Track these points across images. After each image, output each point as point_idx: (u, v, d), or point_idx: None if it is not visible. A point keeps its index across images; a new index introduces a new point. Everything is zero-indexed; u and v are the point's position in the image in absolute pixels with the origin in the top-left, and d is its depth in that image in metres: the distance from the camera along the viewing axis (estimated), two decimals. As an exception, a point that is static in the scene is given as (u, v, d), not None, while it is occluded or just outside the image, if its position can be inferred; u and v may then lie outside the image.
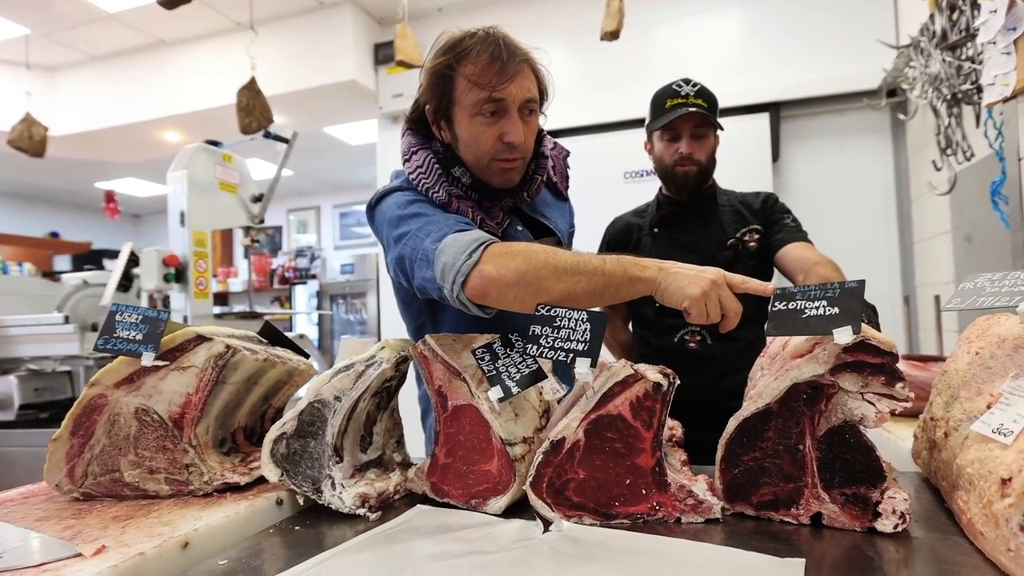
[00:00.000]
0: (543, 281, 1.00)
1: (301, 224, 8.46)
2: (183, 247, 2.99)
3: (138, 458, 0.98)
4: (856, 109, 3.50)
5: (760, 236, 1.76)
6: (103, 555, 0.69)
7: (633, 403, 0.86)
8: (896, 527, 0.76)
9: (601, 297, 1.02)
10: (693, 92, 1.71)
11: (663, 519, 0.86)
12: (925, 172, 3.11)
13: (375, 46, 4.49)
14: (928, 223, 3.13)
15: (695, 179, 1.76)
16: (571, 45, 3.99)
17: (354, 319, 6.65)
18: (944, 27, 2.33)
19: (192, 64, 4.82)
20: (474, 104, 1.16)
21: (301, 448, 0.98)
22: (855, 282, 0.81)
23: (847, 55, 3.50)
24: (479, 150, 1.19)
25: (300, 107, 4.77)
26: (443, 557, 0.73)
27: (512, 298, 1.02)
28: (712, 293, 0.96)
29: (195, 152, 3.09)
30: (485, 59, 1.13)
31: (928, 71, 2.53)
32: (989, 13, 1.69)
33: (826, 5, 3.58)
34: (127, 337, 0.97)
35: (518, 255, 1.03)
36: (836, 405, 0.80)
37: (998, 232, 2.21)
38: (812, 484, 0.81)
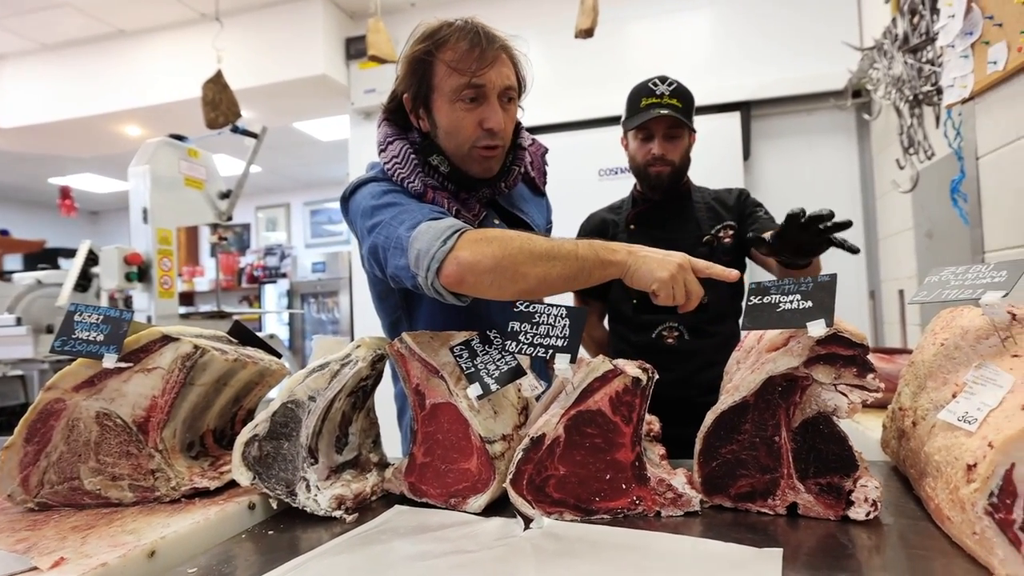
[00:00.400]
0: (519, 266, 1.00)
1: (270, 222, 8.28)
2: (146, 245, 2.89)
3: (99, 465, 0.94)
4: (823, 109, 3.58)
5: (734, 232, 1.78)
6: (61, 567, 0.66)
7: (613, 398, 0.86)
8: (868, 515, 0.77)
9: (575, 281, 1.03)
10: (668, 91, 1.71)
11: (643, 513, 0.86)
12: (889, 171, 3.20)
13: (346, 40, 4.42)
14: (892, 220, 3.22)
15: (668, 179, 1.77)
16: (545, 42, 3.99)
17: (326, 318, 6.56)
18: (906, 30, 2.40)
19: (154, 55, 4.66)
20: (454, 90, 1.15)
21: (274, 450, 0.96)
22: (827, 276, 0.82)
23: (815, 56, 3.58)
24: (459, 137, 1.18)
25: (269, 102, 4.66)
26: (423, 557, 0.72)
27: (488, 284, 1.01)
28: (679, 276, 0.99)
29: (158, 146, 3.00)
30: (464, 45, 1.13)
31: (891, 73, 2.60)
32: (948, 18, 1.74)
33: (795, 6, 3.66)
34: (87, 338, 0.93)
35: (493, 241, 1.02)
36: (810, 397, 0.82)
37: (957, 229, 2.29)
38: (788, 475, 0.82)
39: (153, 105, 4.69)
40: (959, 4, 1.69)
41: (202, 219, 3.51)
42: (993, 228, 1.61)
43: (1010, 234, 1.52)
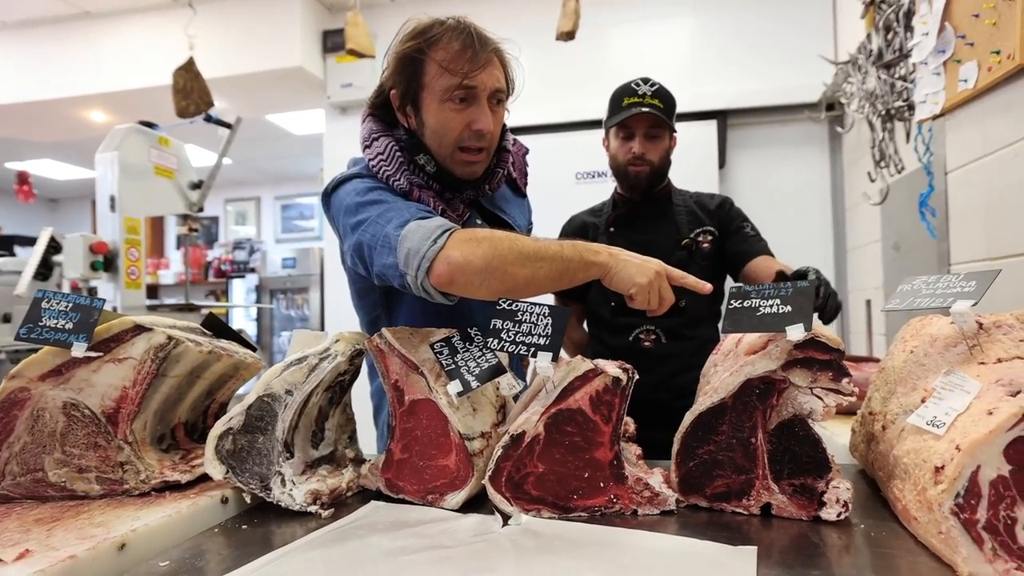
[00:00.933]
0: (509, 267, 1.01)
1: (240, 215, 8.12)
2: (113, 234, 2.81)
3: (65, 456, 0.92)
4: (797, 120, 3.67)
5: (713, 238, 1.78)
6: (27, 560, 0.64)
7: (593, 397, 0.87)
8: (839, 515, 0.79)
9: (560, 281, 1.05)
10: (650, 92, 1.72)
11: (620, 511, 0.87)
12: (859, 183, 3.29)
13: (324, 33, 4.36)
14: (861, 232, 3.31)
15: (647, 179, 1.77)
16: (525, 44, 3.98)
17: (295, 315, 6.47)
18: (880, 46, 2.46)
19: (122, 39, 4.51)
20: (445, 90, 1.14)
21: (248, 444, 0.94)
22: (807, 283, 0.84)
23: (791, 68, 3.66)
24: (446, 137, 1.17)
25: (242, 92, 4.57)
26: (401, 553, 0.72)
27: (478, 285, 1.01)
28: (656, 283, 1.02)
29: (127, 133, 2.92)
30: (457, 46, 1.13)
31: (865, 87, 2.67)
32: (922, 35, 1.80)
33: (773, 19, 3.73)
34: (55, 326, 0.90)
35: (483, 241, 1.02)
36: (787, 400, 0.83)
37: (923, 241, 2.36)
38: (763, 476, 0.84)
39: (120, 91, 4.55)
40: (933, 23, 1.74)
41: (172, 209, 3.43)
42: (960, 241, 1.66)
43: (976, 247, 1.57)
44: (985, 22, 1.51)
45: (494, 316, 0.93)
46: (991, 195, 1.52)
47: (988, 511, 0.61)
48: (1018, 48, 1.38)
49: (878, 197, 2.62)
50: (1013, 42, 1.39)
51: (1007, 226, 1.45)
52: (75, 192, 8.35)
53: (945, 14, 1.68)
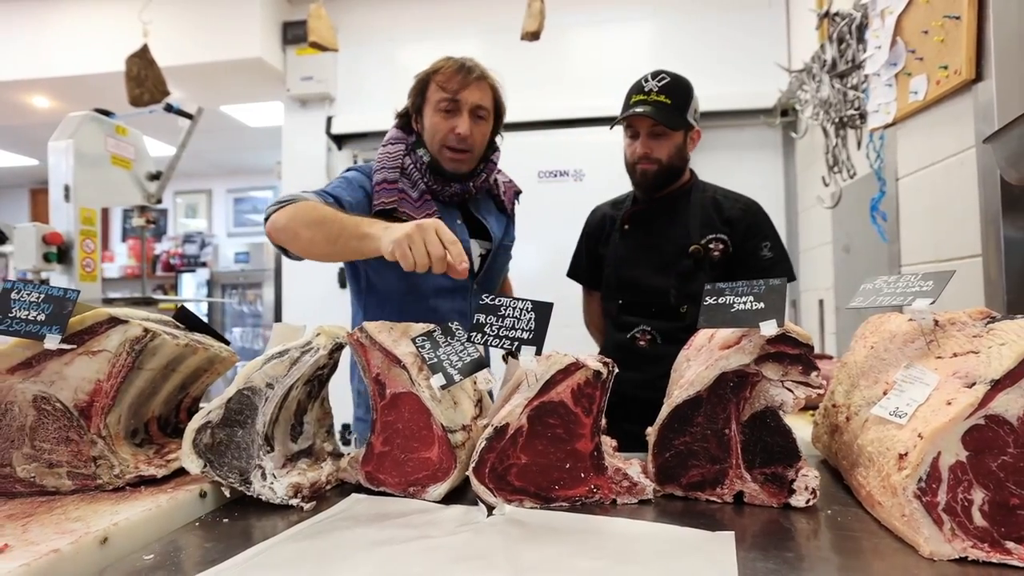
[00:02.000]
0: (297, 227, 1.27)
1: (190, 208, 7.87)
2: (67, 224, 2.70)
3: (35, 451, 0.89)
4: (753, 125, 3.79)
5: (725, 247, 1.68)
6: (7, 554, 0.63)
7: (574, 390, 0.89)
8: (808, 502, 0.84)
9: (335, 246, 1.24)
10: (657, 88, 1.66)
11: (600, 501, 0.89)
12: (812, 187, 3.41)
13: (284, 24, 4.28)
14: (812, 234, 3.43)
15: (654, 178, 1.71)
16: (486, 41, 4.01)
17: (248, 311, 6.33)
18: (834, 56, 2.57)
19: (70, 23, 4.31)
20: (437, 101, 1.50)
21: (227, 438, 0.93)
22: (778, 280, 0.88)
23: (747, 74, 3.78)
24: (435, 137, 1.52)
25: (198, 82, 4.43)
26: (389, 543, 0.73)
27: (284, 240, 1.31)
28: (416, 235, 1.07)
29: (83, 121, 2.81)
30: (452, 71, 1.50)
31: (819, 95, 2.78)
32: (875, 48, 1.89)
33: (729, 25, 3.85)
34: (26, 317, 0.88)
35: (298, 208, 1.28)
36: (759, 392, 0.87)
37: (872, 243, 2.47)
38: (736, 465, 0.88)
39: (66, 76, 4.36)
40: (885, 37, 1.83)
41: (129, 200, 3.31)
42: (910, 244, 1.75)
43: (924, 250, 1.66)
44: (934, 39, 1.61)
45: (478, 311, 0.95)
46: (938, 201, 1.61)
47: (947, 494, 0.66)
48: (964, 64, 1.47)
49: (831, 201, 2.73)
50: (960, 58, 1.48)
51: (952, 230, 1.54)
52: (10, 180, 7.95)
53: (897, 29, 1.77)
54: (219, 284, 6.42)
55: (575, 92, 3.89)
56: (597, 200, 2.00)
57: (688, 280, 1.66)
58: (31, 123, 5.35)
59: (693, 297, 1.63)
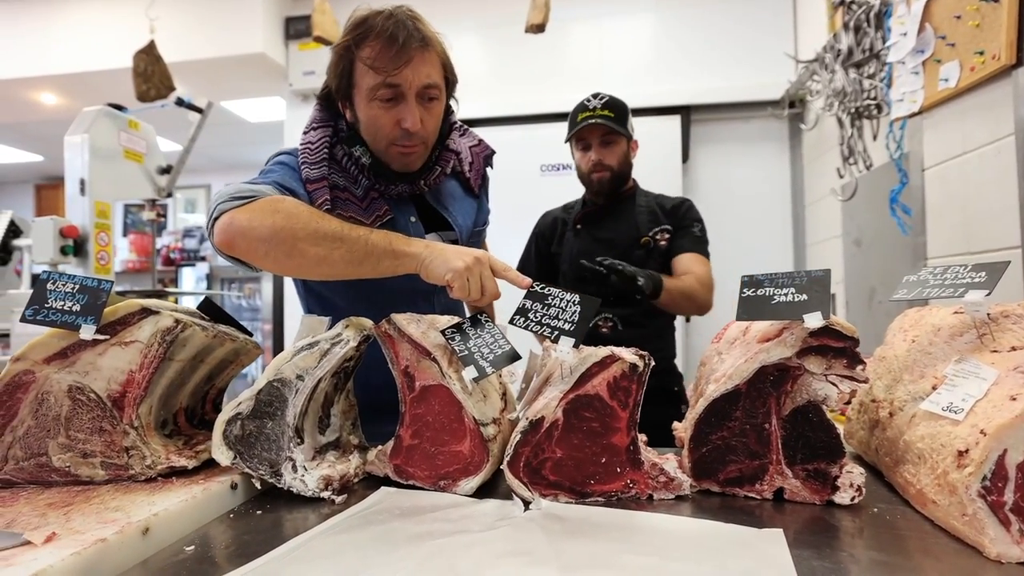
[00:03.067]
0: (299, 242, 1.00)
1: (189, 203, 7.91)
2: (83, 218, 2.72)
3: (69, 441, 0.89)
4: (759, 117, 3.75)
5: (670, 235, 1.91)
6: (56, 543, 0.62)
7: (610, 383, 0.88)
8: (853, 499, 0.82)
9: (361, 267, 1.03)
10: (600, 104, 1.88)
11: (636, 496, 0.88)
12: (820, 179, 3.38)
13: (286, 19, 4.28)
14: (821, 227, 3.40)
15: (609, 183, 1.93)
16: (488, 35, 4.00)
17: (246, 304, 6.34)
18: (850, 46, 2.53)
19: (78, 19, 4.34)
20: (371, 89, 1.16)
21: (257, 430, 0.93)
22: (821, 271, 0.86)
23: (753, 66, 3.75)
24: (377, 135, 1.20)
25: (202, 77, 4.43)
26: (429, 537, 0.72)
27: (263, 254, 1.02)
28: (475, 269, 1.00)
29: (98, 115, 2.82)
30: (382, 42, 1.12)
31: (832, 86, 2.74)
32: (900, 36, 1.86)
33: (735, 17, 3.82)
34: (62, 308, 0.87)
35: (279, 212, 1.01)
36: (801, 386, 0.85)
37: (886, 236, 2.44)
38: (776, 461, 0.86)
39: (75, 72, 4.38)
40: (911, 23, 1.80)
41: (140, 194, 3.33)
42: (937, 236, 1.72)
43: (955, 242, 1.63)
44: (968, 23, 1.57)
45: (526, 297, 0.96)
46: (970, 191, 1.58)
47: (1016, 493, 0.64)
48: (1004, 48, 1.43)
49: (846, 193, 2.70)
50: (999, 43, 1.45)
51: (987, 221, 1.51)
52: (16, 176, 8.02)
53: (925, 15, 1.73)
54: (218, 278, 6.45)
55: (577, 85, 3.85)
56: None
57: (642, 267, 1.81)
58: (37, 119, 5.38)
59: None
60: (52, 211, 2.97)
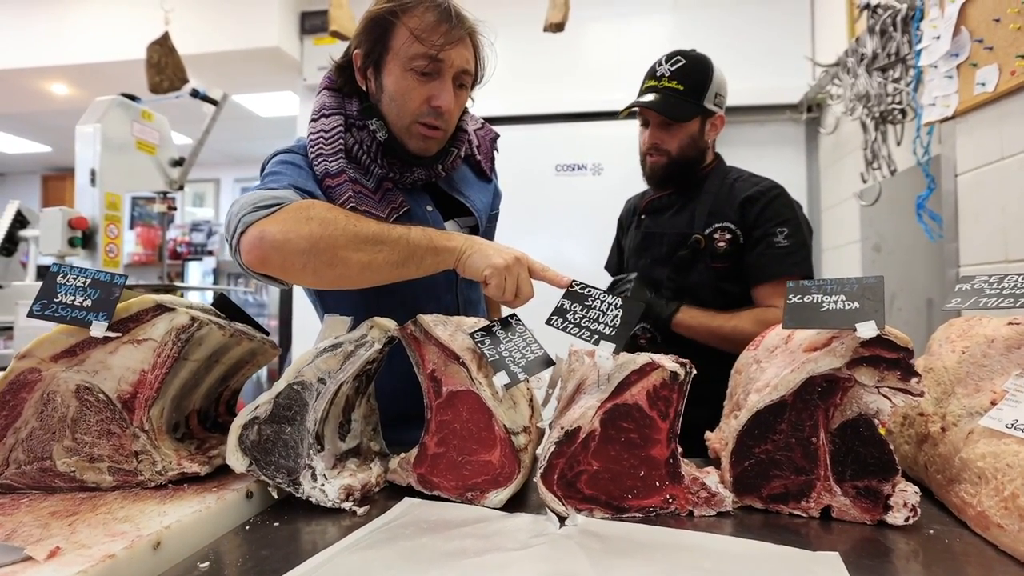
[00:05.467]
0: (340, 250, 0.94)
1: (197, 197, 7.89)
2: (92, 209, 2.67)
3: (76, 444, 0.84)
4: (773, 121, 3.71)
5: (732, 237, 1.53)
6: (61, 559, 0.58)
7: (650, 392, 0.83)
8: (907, 519, 0.77)
9: (405, 268, 0.98)
10: (669, 72, 1.56)
11: (675, 512, 0.83)
12: (837, 184, 3.32)
13: (302, 14, 4.25)
14: (836, 233, 3.35)
15: (663, 170, 1.61)
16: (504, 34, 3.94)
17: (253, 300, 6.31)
18: (875, 49, 2.48)
19: (91, 10, 4.31)
20: (412, 57, 1.10)
21: (274, 435, 0.88)
22: (873, 278, 0.81)
23: (770, 69, 3.71)
24: (404, 107, 1.13)
25: (214, 70, 4.39)
26: (462, 555, 0.67)
27: (301, 267, 0.95)
28: (514, 269, 0.97)
29: (110, 105, 2.78)
30: (433, 17, 1.09)
31: (855, 90, 2.69)
32: (932, 39, 1.80)
33: (751, 19, 3.78)
34: (72, 303, 0.83)
35: (313, 219, 0.95)
36: (851, 399, 0.81)
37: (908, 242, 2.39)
38: (824, 477, 0.81)
39: (86, 63, 4.35)
40: (945, 26, 1.75)
41: (152, 186, 3.29)
42: (971, 243, 1.67)
43: (991, 249, 1.58)
44: (1009, 27, 1.52)
45: (565, 296, 0.91)
46: (1009, 197, 1.53)
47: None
48: (1047, 53, 1.38)
49: (868, 198, 2.64)
50: (1041, 47, 1.40)
51: (1027, 228, 1.46)
52: (22, 166, 8.01)
53: (960, 18, 1.68)
54: (225, 273, 6.42)
55: (593, 84, 3.82)
56: (616, 194, 1.93)
57: (684, 271, 1.57)
58: (46, 110, 5.36)
59: (688, 290, 1.56)
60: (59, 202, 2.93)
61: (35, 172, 8.23)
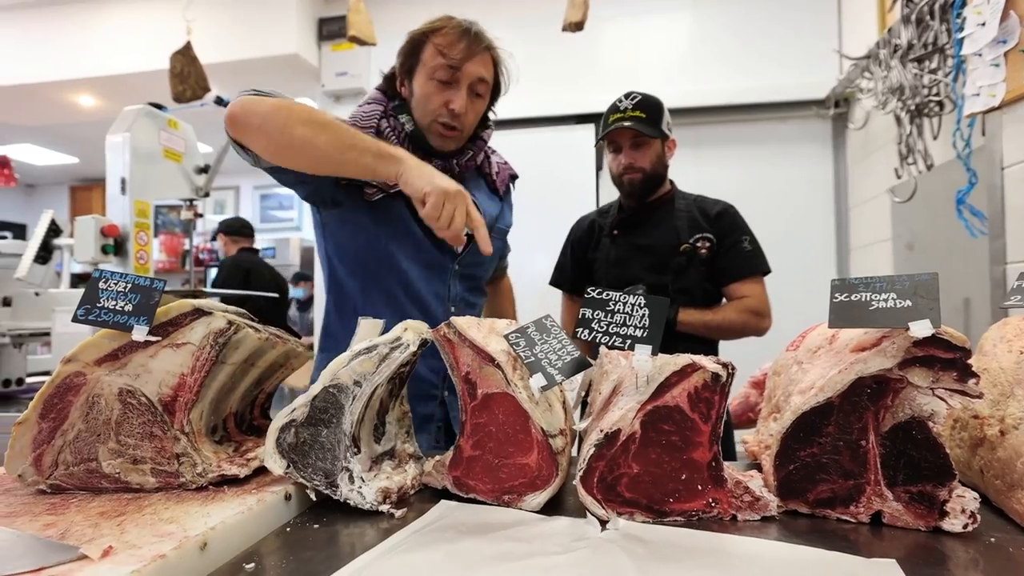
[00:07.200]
0: (290, 122, 1.07)
1: (219, 204, 8.02)
2: (123, 217, 2.72)
3: (120, 446, 0.85)
4: (799, 117, 3.64)
5: (711, 245, 1.84)
6: (113, 558, 0.58)
7: (691, 394, 0.81)
8: (966, 527, 0.74)
9: (343, 157, 1.08)
10: (632, 105, 1.83)
11: (718, 516, 0.81)
12: (866, 180, 3.25)
13: (319, 20, 4.31)
14: (865, 231, 3.27)
15: (640, 186, 1.87)
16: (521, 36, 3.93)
17: None
18: (911, 40, 2.42)
19: (114, 23, 4.43)
20: (433, 68, 1.31)
21: (311, 437, 0.88)
22: (927, 275, 0.79)
23: (792, 65, 3.66)
24: (425, 108, 1.34)
25: (234, 78, 4.46)
26: (505, 559, 0.66)
27: (256, 128, 1.09)
28: (455, 198, 1.05)
29: (138, 114, 2.83)
30: (455, 35, 1.31)
31: (888, 83, 2.63)
32: (977, 26, 1.75)
33: (774, 15, 3.72)
34: (114, 308, 0.84)
35: (285, 103, 1.10)
36: (903, 400, 0.78)
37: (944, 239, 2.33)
38: (874, 481, 0.79)
39: (112, 75, 4.47)
40: (992, 12, 1.69)
41: (178, 193, 3.34)
42: (1019, 239, 1.62)
43: (1041, 245, 1.53)
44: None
45: (584, 305, 0.88)
46: (1057, 192, 1.48)
47: None
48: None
49: (903, 194, 2.58)
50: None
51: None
52: (51, 178, 8.23)
53: (1009, 3, 1.63)
54: (245, 279, 6.48)
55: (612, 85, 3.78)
56: None
57: (681, 276, 1.85)
58: (73, 121, 5.50)
59: (685, 291, 1.84)
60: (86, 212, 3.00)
61: (63, 183, 8.45)
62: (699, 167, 3.54)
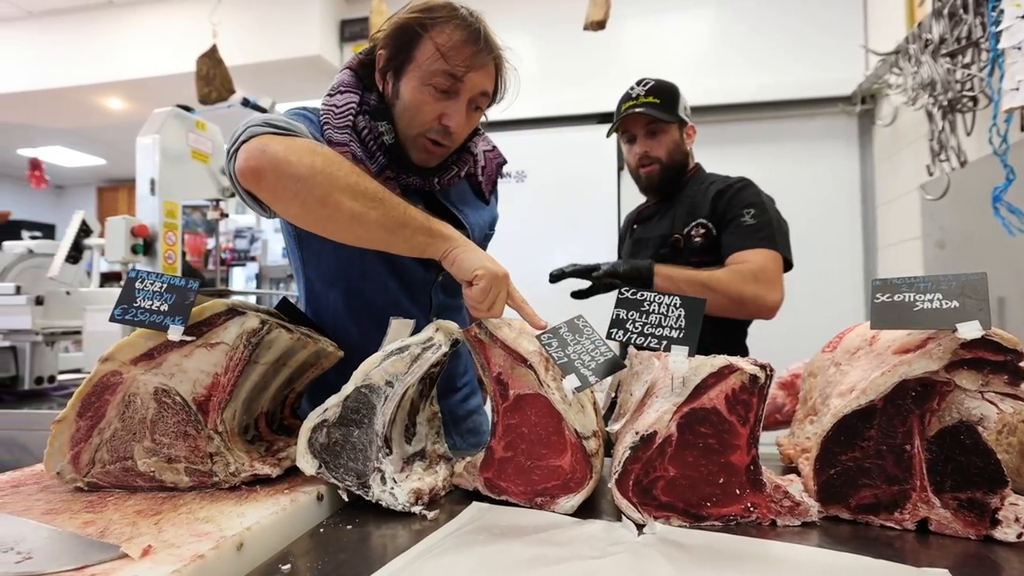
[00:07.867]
0: (336, 191, 0.91)
1: (240, 205, 8.10)
2: (152, 217, 2.77)
3: (155, 445, 0.86)
4: (824, 115, 3.57)
5: (707, 231, 1.67)
6: (154, 558, 0.58)
7: (729, 396, 0.80)
8: (1020, 536, 0.72)
9: (393, 236, 0.96)
10: (644, 91, 1.71)
11: (757, 521, 0.79)
12: (894, 178, 3.18)
13: (341, 23, 4.35)
14: (895, 229, 3.20)
15: (659, 176, 1.75)
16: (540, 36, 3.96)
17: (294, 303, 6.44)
18: (943, 34, 2.36)
19: (143, 28, 4.52)
20: (432, 72, 1.09)
21: (343, 438, 0.88)
22: (975, 275, 0.76)
23: (817, 61, 3.60)
24: (414, 119, 1.12)
25: (258, 80, 4.53)
26: (544, 562, 0.65)
27: (292, 194, 0.91)
28: (501, 281, 0.96)
29: (168, 116, 2.87)
30: (461, 36, 1.08)
31: (919, 78, 2.57)
32: (1016, 18, 1.70)
33: (797, 12, 3.68)
34: (150, 307, 0.84)
35: (319, 154, 0.93)
36: (951, 404, 0.76)
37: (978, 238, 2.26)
38: (920, 487, 0.76)
39: (140, 78, 4.57)
40: (1030, 6, 1.65)
41: (205, 194, 3.39)
42: (1059, 239, 1.57)
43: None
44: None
45: (617, 305, 0.86)
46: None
47: None
48: None
49: (935, 191, 2.52)
50: None
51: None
52: (80, 179, 8.41)
53: (1048, -3, 1.59)
54: (267, 278, 6.58)
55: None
56: None
57: None
58: (101, 124, 5.62)
59: None
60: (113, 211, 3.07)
61: (91, 184, 8.64)
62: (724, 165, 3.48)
